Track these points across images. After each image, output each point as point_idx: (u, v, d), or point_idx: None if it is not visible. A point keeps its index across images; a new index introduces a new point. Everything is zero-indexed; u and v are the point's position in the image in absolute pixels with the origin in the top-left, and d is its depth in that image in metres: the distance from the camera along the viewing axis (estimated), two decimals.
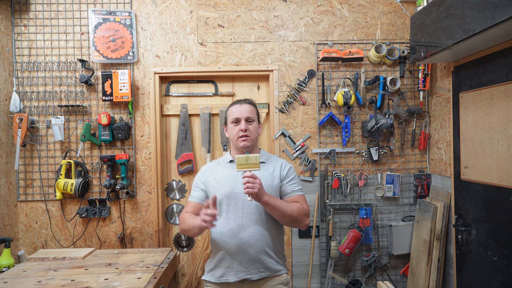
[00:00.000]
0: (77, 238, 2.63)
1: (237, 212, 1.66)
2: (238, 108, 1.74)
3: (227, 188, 1.68)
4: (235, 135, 1.71)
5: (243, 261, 1.64)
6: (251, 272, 1.64)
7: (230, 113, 1.76)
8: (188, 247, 2.76)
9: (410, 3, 2.66)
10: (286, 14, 2.66)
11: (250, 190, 1.50)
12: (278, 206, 1.59)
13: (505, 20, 1.46)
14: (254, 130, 1.73)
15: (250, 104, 1.78)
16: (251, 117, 1.73)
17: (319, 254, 2.66)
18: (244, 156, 1.57)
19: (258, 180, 1.52)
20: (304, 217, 1.68)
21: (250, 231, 1.64)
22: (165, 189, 2.75)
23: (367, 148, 2.68)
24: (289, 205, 1.64)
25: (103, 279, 1.80)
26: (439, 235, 2.37)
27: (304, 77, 2.65)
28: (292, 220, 1.65)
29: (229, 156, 1.81)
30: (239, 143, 1.70)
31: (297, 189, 1.76)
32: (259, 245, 1.64)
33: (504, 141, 1.83)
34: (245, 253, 1.63)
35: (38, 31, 2.61)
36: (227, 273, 1.66)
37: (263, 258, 1.65)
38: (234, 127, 1.72)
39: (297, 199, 1.72)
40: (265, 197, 1.55)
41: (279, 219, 1.65)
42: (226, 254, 1.66)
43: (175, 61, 2.65)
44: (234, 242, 1.64)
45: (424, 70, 2.56)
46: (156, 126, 2.64)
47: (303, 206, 1.70)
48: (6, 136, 2.50)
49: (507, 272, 1.83)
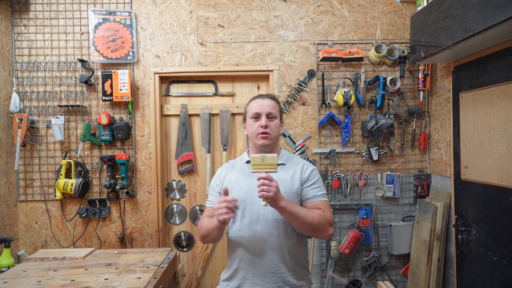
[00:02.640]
0: (77, 238, 2.63)
1: (252, 218, 1.51)
2: (260, 103, 1.58)
3: (242, 191, 1.54)
4: (254, 132, 1.55)
5: (257, 273, 1.49)
6: (268, 286, 1.49)
7: (250, 108, 1.61)
8: (188, 247, 2.76)
9: (410, 3, 2.66)
10: (286, 14, 2.66)
11: (265, 193, 1.34)
12: (297, 213, 1.41)
13: (505, 20, 1.46)
14: (276, 127, 1.57)
15: (273, 99, 1.62)
16: (273, 113, 1.57)
17: (319, 254, 2.66)
18: (260, 155, 1.42)
19: (274, 183, 1.36)
20: (326, 226, 1.49)
21: (266, 240, 1.49)
22: (165, 189, 2.75)
23: (367, 148, 2.68)
24: (310, 212, 1.46)
25: (103, 279, 1.80)
26: (439, 235, 2.37)
27: (304, 77, 2.65)
28: (312, 229, 1.47)
29: (246, 156, 1.66)
30: (258, 140, 1.54)
31: (320, 194, 1.56)
32: (276, 256, 1.49)
33: (504, 141, 1.83)
34: (260, 264, 1.49)
35: (38, 31, 2.61)
36: (242, 285, 1.52)
37: (280, 271, 1.50)
38: (254, 123, 1.56)
39: (319, 206, 1.53)
40: (281, 202, 1.38)
41: (297, 228, 1.48)
42: (241, 263, 1.52)
43: (175, 61, 2.65)
44: (248, 252, 1.50)
45: (424, 70, 2.56)
46: (156, 126, 2.64)
47: (326, 214, 1.51)
48: (6, 136, 2.50)
49: (507, 272, 1.83)
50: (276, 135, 1.58)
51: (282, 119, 1.66)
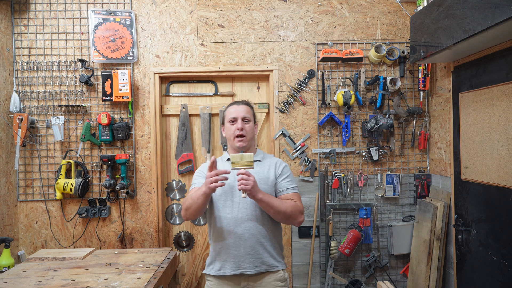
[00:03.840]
0: (77, 238, 2.63)
1: (233, 207, 1.73)
2: (236, 108, 1.83)
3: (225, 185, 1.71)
4: (232, 134, 1.79)
5: (238, 255, 1.70)
6: (247, 267, 1.69)
7: (227, 113, 1.85)
8: (188, 247, 2.76)
9: (410, 3, 2.66)
10: (286, 14, 2.66)
11: (243, 187, 1.57)
12: (272, 203, 1.65)
13: (505, 20, 1.46)
14: (250, 129, 1.82)
15: (247, 105, 1.87)
16: (247, 117, 1.81)
17: (319, 254, 2.66)
18: (238, 154, 1.63)
19: (252, 178, 1.59)
20: (298, 214, 1.73)
21: (245, 226, 1.70)
22: (165, 189, 2.75)
23: (367, 148, 2.68)
24: (283, 202, 1.70)
25: (103, 279, 1.80)
26: (439, 235, 2.37)
27: (304, 77, 2.65)
28: (286, 217, 1.70)
29: (227, 154, 1.90)
30: (236, 143, 1.78)
31: (292, 186, 1.81)
32: (253, 240, 1.70)
33: (504, 141, 1.83)
34: (240, 247, 1.69)
35: (38, 31, 2.61)
36: (224, 266, 1.72)
37: (258, 252, 1.71)
38: (231, 126, 1.80)
39: (291, 197, 1.77)
40: (259, 194, 1.62)
41: (273, 216, 1.71)
42: (223, 247, 1.72)
43: (175, 61, 2.65)
44: (229, 236, 1.71)
45: (424, 70, 2.56)
46: (156, 126, 2.64)
47: (297, 204, 1.75)
48: (6, 136, 2.50)
49: (507, 272, 1.83)
50: (251, 136, 1.83)
51: (256, 121, 1.91)
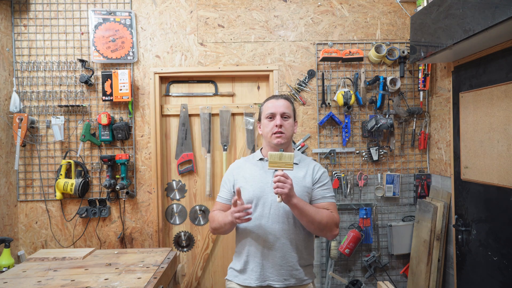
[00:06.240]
0: (77, 238, 2.63)
1: (264, 213, 1.58)
2: (274, 103, 1.65)
3: (256, 187, 1.61)
4: (269, 131, 1.62)
5: (266, 266, 1.56)
6: (275, 279, 1.56)
7: (265, 108, 1.67)
8: (188, 247, 2.76)
9: (410, 3, 2.66)
10: (286, 14, 2.66)
11: (280, 190, 1.41)
12: (307, 211, 1.49)
13: (505, 20, 1.46)
14: (290, 127, 1.64)
15: (287, 99, 1.68)
16: (287, 113, 1.63)
17: (319, 254, 2.66)
18: (278, 153, 1.47)
19: (289, 180, 1.44)
20: (333, 227, 1.57)
21: (275, 235, 1.56)
22: (165, 189, 2.75)
23: (367, 148, 2.68)
24: (319, 212, 1.54)
25: (103, 279, 1.80)
26: (439, 235, 2.37)
27: (304, 77, 2.65)
28: (320, 228, 1.54)
29: (260, 154, 1.72)
30: (273, 139, 1.61)
31: (329, 195, 1.65)
32: (285, 251, 1.56)
33: (504, 141, 1.83)
34: (269, 257, 1.56)
35: (38, 31, 2.61)
36: (250, 276, 1.59)
37: (288, 264, 1.56)
38: (269, 123, 1.63)
39: (328, 206, 1.61)
40: (294, 199, 1.46)
41: (306, 226, 1.55)
42: (250, 255, 1.59)
43: (175, 61, 2.65)
44: (258, 245, 1.57)
45: (424, 70, 2.56)
46: (156, 126, 2.64)
47: (334, 215, 1.59)
48: (6, 136, 2.50)
49: (507, 272, 1.83)
50: (290, 134, 1.65)
51: (296, 118, 1.72)
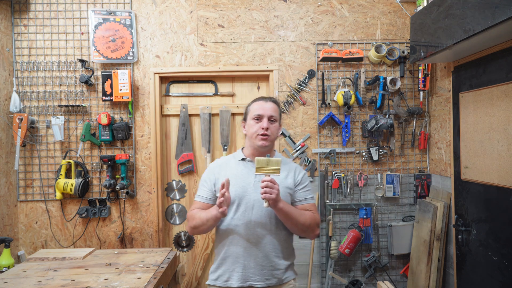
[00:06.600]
0: (77, 238, 2.63)
1: (246, 214, 1.56)
2: (262, 105, 1.63)
3: (238, 187, 1.59)
4: (255, 132, 1.60)
5: (248, 266, 1.55)
6: (257, 279, 1.55)
7: (252, 109, 1.65)
8: (188, 247, 2.76)
9: (410, 3, 2.66)
10: (286, 14, 2.66)
11: (267, 195, 1.42)
12: (292, 214, 1.52)
13: (505, 20, 1.46)
14: (275, 130, 1.63)
15: (275, 103, 1.66)
16: (274, 116, 1.62)
17: (319, 254, 2.66)
18: (265, 159, 1.48)
19: (277, 186, 1.45)
20: (315, 227, 1.60)
21: (258, 235, 1.55)
22: (165, 189, 2.75)
23: (367, 148, 2.68)
24: (302, 214, 1.56)
25: (103, 279, 1.80)
26: (439, 235, 2.37)
27: (304, 77, 2.65)
28: (303, 230, 1.57)
29: (241, 153, 1.70)
30: (258, 141, 1.59)
31: (310, 197, 1.67)
32: (266, 251, 1.56)
33: (504, 141, 1.83)
34: (252, 258, 1.55)
35: (38, 31, 2.61)
36: (231, 277, 1.56)
37: (270, 264, 1.56)
38: (255, 124, 1.61)
39: (309, 208, 1.64)
40: (280, 204, 1.47)
41: (290, 227, 1.57)
42: (231, 256, 1.58)
43: (175, 61, 2.65)
44: (239, 244, 1.56)
45: (424, 70, 2.56)
46: (156, 126, 2.63)
47: (315, 216, 1.62)
48: (6, 136, 2.50)
49: (507, 272, 1.83)
50: (275, 137, 1.65)
51: (280, 121, 1.71)
